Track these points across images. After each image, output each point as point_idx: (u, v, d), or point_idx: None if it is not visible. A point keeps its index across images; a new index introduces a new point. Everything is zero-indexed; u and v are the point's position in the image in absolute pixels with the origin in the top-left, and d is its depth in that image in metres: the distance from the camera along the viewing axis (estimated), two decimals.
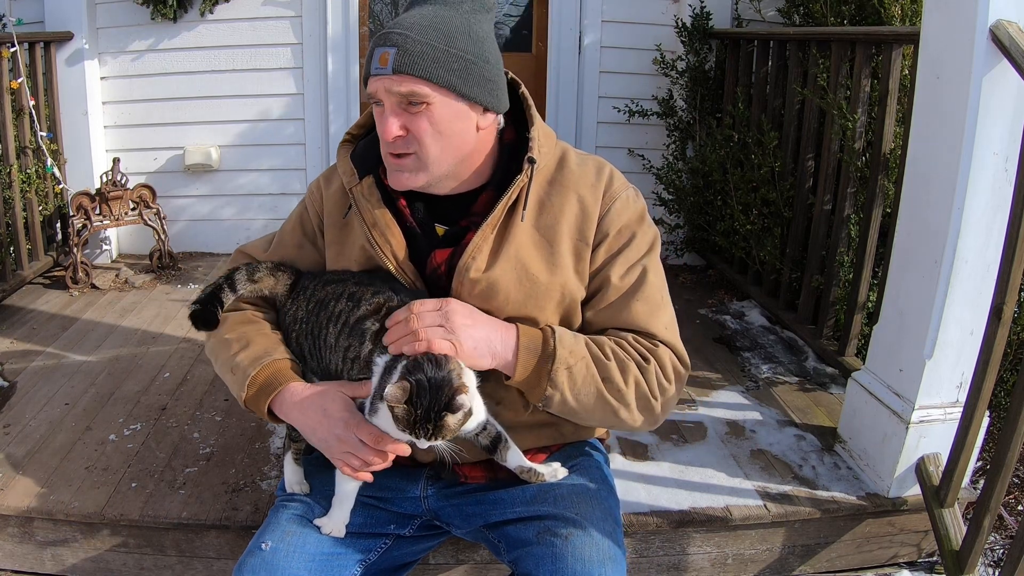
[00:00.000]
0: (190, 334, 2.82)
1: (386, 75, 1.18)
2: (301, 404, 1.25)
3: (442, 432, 1.12)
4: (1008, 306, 1.60)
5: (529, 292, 1.28)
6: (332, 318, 1.27)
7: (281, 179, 3.79)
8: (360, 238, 1.33)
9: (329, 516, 1.30)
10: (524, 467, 1.31)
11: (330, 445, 1.23)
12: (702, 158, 3.37)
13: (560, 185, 1.32)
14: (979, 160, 1.68)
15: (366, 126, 1.43)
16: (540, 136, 1.32)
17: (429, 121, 1.21)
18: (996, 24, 1.62)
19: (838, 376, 2.55)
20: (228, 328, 1.37)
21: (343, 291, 1.29)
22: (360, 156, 1.37)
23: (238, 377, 1.30)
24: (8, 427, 2.12)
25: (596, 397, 1.25)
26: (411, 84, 1.18)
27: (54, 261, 3.46)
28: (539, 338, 1.24)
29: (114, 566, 1.82)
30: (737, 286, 3.40)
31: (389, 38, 1.19)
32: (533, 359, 1.23)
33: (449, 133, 1.24)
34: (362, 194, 1.32)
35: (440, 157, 1.25)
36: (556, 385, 1.22)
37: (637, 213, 1.34)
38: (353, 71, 3.73)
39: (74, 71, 3.46)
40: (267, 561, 1.21)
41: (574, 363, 1.23)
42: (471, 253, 1.27)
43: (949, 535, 1.76)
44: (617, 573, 1.18)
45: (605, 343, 1.27)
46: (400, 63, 1.18)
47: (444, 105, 1.21)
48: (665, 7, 3.74)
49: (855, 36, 2.53)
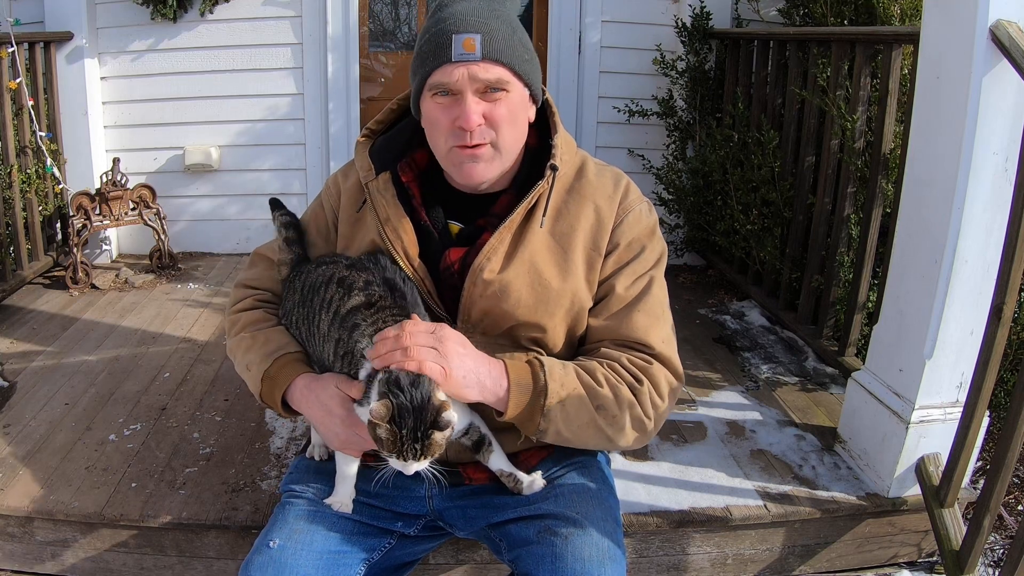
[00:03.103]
0: (190, 334, 2.82)
1: (474, 61, 1.18)
2: (307, 397, 1.28)
3: (431, 451, 1.11)
4: (1008, 306, 1.60)
5: (540, 297, 1.28)
6: (324, 304, 1.28)
7: (281, 179, 3.79)
8: (371, 232, 1.34)
9: (335, 494, 1.32)
10: (505, 471, 1.32)
11: (330, 440, 1.29)
12: (702, 158, 3.37)
13: (578, 194, 1.34)
14: (979, 160, 1.68)
15: (385, 122, 1.43)
16: (563, 144, 1.33)
17: (507, 108, 1.23)
18: (996, 24, 1.62)
19: (838, 376, 2.55)
20: (243, 327, 1.40)
21: (334, 273, 1.28)
22: (378, 152, 1.37)
23: (253, 373, 1.33)
24: (8, 427, 2.12)
25: (589, 426, 1.25)
26: (499, 70, 1.20)
27: (54, 261, 3.46)
28: (528, 373, 1.23)
29: (114, 566, 1.82)
30: (737, 286, 3.40)
31: (468, 24, 1.19)
32: (525, 396, 1.22)
33: (519, 122, 1.26)
34: (377, 189, 1.33)
35: (513, 146, 1.27)
36: (550, 419, 1.22)
37: (649, 227, 1.35)
38: (353, 71, 3.73)
39: (74, 71, 3.47)
40: (275, 559, 1.21)
41: (566, 395, 1.22)
42: (486, 254, 1.27)
43: (949, 535, 1.76)
44: (616, 573, 1.18)
45: (597, 369, 1.27)
46: (489, 48, 1.19)
47: (518, 93, 1.24)
48: (665, 7, 3.74)
49: (855, 36, 2.53)
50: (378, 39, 3.96)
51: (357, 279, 1.26)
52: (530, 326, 1.30)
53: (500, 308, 1.28)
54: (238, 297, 1.47)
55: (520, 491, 1.32)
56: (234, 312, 1.44)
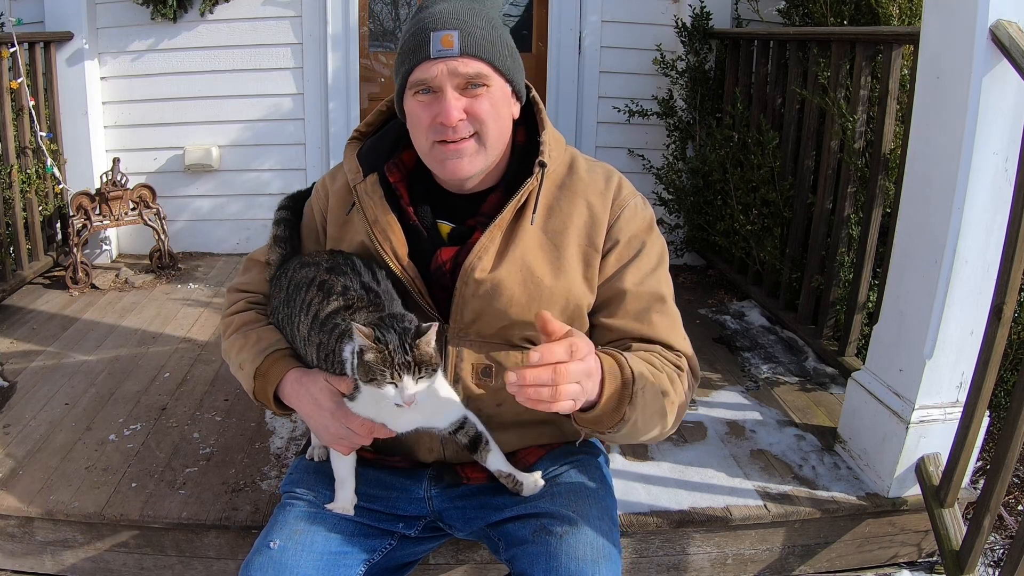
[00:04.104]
0: (190, 334, 2.82)
1: (452, 56, 1.19)
2: (297, 391, 1.28)
3: (421, 361, 1.10)
4: (1008, 306, 1.60)
5: (533, 295, 1.28)
6: (304, 307, 1.28)
7: (281, 179, 3.79)
8: (360, 234, 1.34)
9: (336, 499, 1.32)
10: (504, 472, 1.32)
11: (320, 433, 1.29)
12: (702, 158, 3.37)
13: (570, 191, 1.33)
14: (979, 160, 1.68)
15: (374, 124, 1.43)
16: (551, 141, 1.33)
17: (490, 102, 1.23)
18: (996, 24, 1.62)
19: (838, 376, 2.55)
20: (236, 328, 1.40)
21: (315, 276, 1.28)
22: (366, 154, 1.37)
23: (246, 371, 1.33)
24: (8, 427, 2.12)
25: (657, 413, 1.21)
26: (478, 65, 1.21)
27: (54, 261, 3.46)
28: (614, 362, 1.15)
29: (114, 566, 1.82)
30: (737, 286, 3.40)
31: (446, 22, 1.20)
32: (615, 383, 1.13)
33: (503, 116, 1.27)
34: (365, 191, 1.33)
35: (497, 141, 1.27)
36: (635, 407, 1.14)
37: (646, 222, 1.35)
38: (353, 71, 3.73)
39: (74, 71, 3.47)
40: (275, 560, 1.21)
41: (645, 384, 1.17)
42: (477, 253, 1.27)
43: (949, 535, 1.76)
44: (611, 572, 1.18)
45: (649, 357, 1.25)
46: (466, 45, 1.19)
47: (499, 88, 1.25)
48: (665, 7, 3.74)
49: (855, 36, 2.53)
50: (378, 39, 3.96)
51: (335, 284, 1.26)
52: (524, 325, 1.29)
53: (492, 308, 1.27)
54: (231, 301, 1.48)
55: (520, 492, 1.31)
56: (227, 316, 1.45)
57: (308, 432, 1.58)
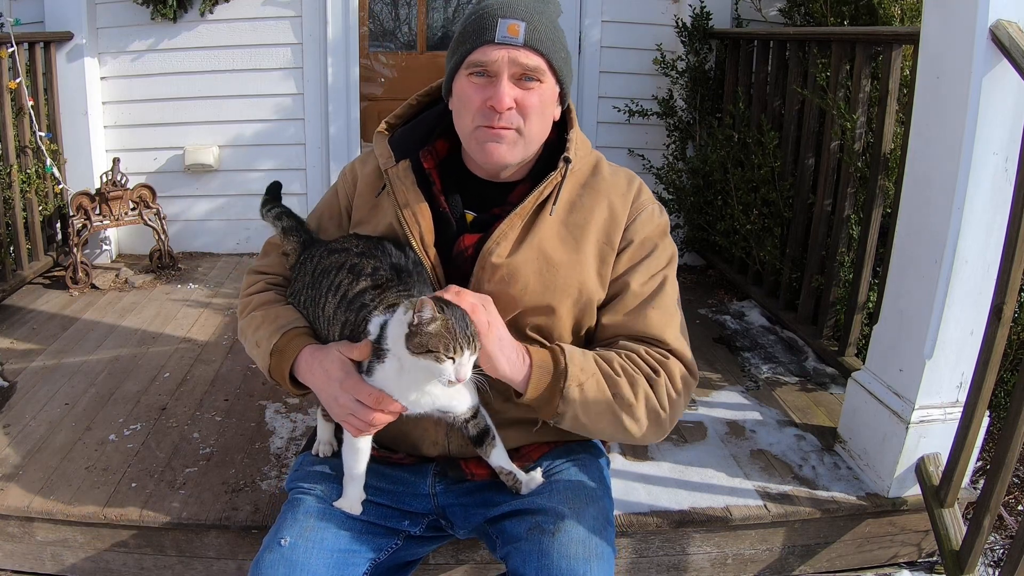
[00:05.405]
0: (190, 334, 2.82)
1: (516, 45, 1.22)
2: (310, 366, 1.28)
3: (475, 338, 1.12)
4: (1008, 306, 1.60)
5: (548, 284, 1.30)
6: (332, 288, 1.29)
7: (281, 179, 3.72)
8: (389, 217, 1.36)
9: (344, 496, 1.32)
10: (505, 469, 1.33)
11: (332, 408, 1.26)
12: (702, 158, 3.37)
13: (593, 190, 1.37)
14: (979, 160, 1.68)
15: (404, 116, 1.46)
16: (577, 140, 1.37)
17: (539, 98, 1.26)
18: (996, 24, 1.62)
19: (838, 376, 2.55)
20: (254, 307, 1.42)
21: (345, 261, 1.30)
22: (397, 142, 1.40)
23: (263, 349, 1.34)
24: (8, 427, 2.12)
25: (607, 413, 1.26)
26: (538, 59, 1.24)
27: (54, 261, 3.46)
28: (549, 357, 1.25)
29: (114, 566, 1.82)
30: (737, 286, 3.40)
31: (515, 11, 1.23)
32: (547, 377, 1.23)
33: (546, 115, 1.30)
34: (397, 176, 1.35)
35: (537, 137, 1.30)
36: (568, 402, 1.23)
37: (661, 227, 1.39)
38: (353, 71, 3.73)
39: (74, 71, 3.46)
40: (287, 557, 1.21)
41: (585, 380, 1.24)
42: (496, 239, 1.30)
43: (949, 535, 1.76)
44: (602, 570, 1.19)
45: (614, 359, 1.28)
46: (531, 37, 1.22)
47: (550, 87, 1.28)
48: (665, 7, 3.74)
49: (855, 36, 2.53)
50: (378, 39, 3.97)
51: (366, 266, 1.28)
52: (537, 310, 1.31)
53: (507, 293, 1.29)
54: (250, 282, 1.49)
55: (519, 490, 1.33)
56: (245, 295, 1.46)
57: (311, 430, 1.58)
